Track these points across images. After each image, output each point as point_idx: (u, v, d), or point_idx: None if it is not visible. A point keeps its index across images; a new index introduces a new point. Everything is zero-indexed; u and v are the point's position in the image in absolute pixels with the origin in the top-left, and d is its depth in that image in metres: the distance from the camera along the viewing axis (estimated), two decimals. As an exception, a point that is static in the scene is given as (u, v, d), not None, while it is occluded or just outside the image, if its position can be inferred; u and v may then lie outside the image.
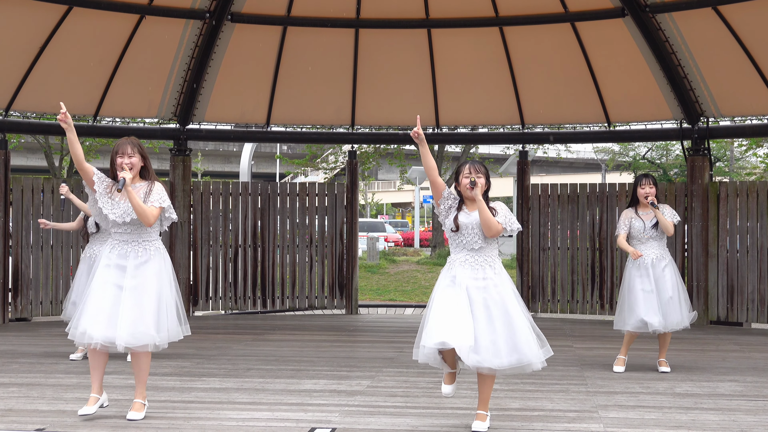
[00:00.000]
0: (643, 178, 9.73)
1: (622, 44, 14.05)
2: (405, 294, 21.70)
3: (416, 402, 7.97)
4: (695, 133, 14.37)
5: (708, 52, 13.62)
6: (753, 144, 28.84)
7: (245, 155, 30.12)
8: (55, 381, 8.81)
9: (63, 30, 13.49)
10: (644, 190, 9.63)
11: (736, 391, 8.53)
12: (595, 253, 14.91)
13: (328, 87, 15.29)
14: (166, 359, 10.15)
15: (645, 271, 9.52)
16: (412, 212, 57.92)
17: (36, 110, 14.41)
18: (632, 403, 7.94)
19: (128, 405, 7.62)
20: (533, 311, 15.02)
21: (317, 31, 14.66)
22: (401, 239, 43.88)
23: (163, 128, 15.27)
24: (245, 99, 15.33)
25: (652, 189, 9.63)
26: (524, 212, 15.14)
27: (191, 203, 15.04)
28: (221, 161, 57.54)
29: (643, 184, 9.66)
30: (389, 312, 16.82)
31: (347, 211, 15.50)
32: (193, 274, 15.00)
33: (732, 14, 13.01)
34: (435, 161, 14.55)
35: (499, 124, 15.56)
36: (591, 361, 10.26)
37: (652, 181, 9.71)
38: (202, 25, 14.05)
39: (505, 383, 8.81)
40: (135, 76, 14.42)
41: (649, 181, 9.70)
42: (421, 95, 15.31)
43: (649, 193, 9.60)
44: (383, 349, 11.31)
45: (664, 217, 9.49)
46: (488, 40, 14.71)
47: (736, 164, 39.75)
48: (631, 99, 14.75)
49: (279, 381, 8.93)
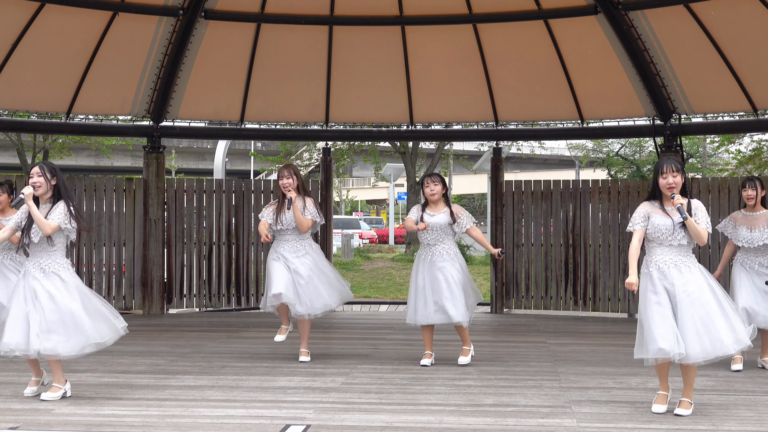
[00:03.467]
0: (665, 164, 7.43)
1: (594, 41, 14.11)
2: (380, 291, 21.74)
3: (390, 398, 7.99)
4: (667, 130, 14.46)
5: (680, 49, 13.70)
6: (725, 140, 29.01)
7: (219, 152, 30.02)
8: (28, 379, 8.77)
9: (35, 26, 13.40)
10: (666, 179, 7.44)
11: (707, 385, 8.59)
12: (569, 250, 14.97)
13: (303, 84, 15.27)
14: (140, 357, 10.14)
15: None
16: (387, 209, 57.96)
17: (8, 107, 14.32)
18: (605, 398, 7.99)
19: (104, 403, 7.62)
20: (507, 307, 15.09)
21: (291, 28, 14.63)
22: (376, 236, 43.92)
23: (136, 125, 15.21)
24: (219, 96, 15.30)
25: (676, 177, 7.40)
26: (498, 209, 15.19)
27: (165, 201, 14.99)
28: (195, 158, 57.41)
29: (665, 172, 7.44)
30: (364, 309, 16.84)
31: (321, 208, 15.45)
32: (167, 272, 14.96)
33: (704, 11, 13.09)
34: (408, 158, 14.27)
35: (473, 121, 15.59)
36: (564, 357, 10.31)
37: (674, 166, 7.41)
38: (176, 22, 14.00)
39: (479, 379, 8.85)
40: (108, 73, 14.36)
41: (672, 166, 7.40)
42: (396, 92, 15.32)
43: (674, 184, 7.41)
44: (358, 345, 11.33)
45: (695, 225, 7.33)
46: (462, 37, 14.73)
47: (709, 161, 39.95)
48: (604, 96, 14.82)
49: (253, 378, 8.93)
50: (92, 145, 31.41)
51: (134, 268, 14.81)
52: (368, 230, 45.02)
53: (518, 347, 11.22)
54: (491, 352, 10.73)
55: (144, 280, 14.79)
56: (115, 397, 7.96)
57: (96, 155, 47.68)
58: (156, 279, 14.78)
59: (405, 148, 30.03)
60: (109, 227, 14.68)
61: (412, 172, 30.07)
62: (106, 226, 14.65)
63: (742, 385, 8.64)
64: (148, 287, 14.77)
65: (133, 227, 14.81)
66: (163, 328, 13.07)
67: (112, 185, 14.79)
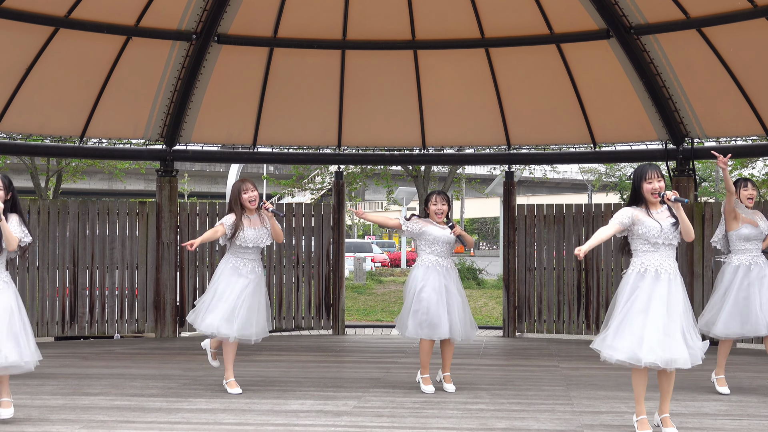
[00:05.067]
0: (649, 170, 7.50)
1: (607, 66, 14.13)
2: (392, 314, 21.70)
3: (402, 422, 7.97)
4: (680, 154, 14.44)
5: (693, 73, 13.71)
6: (738, 165, 29.00)
7: (232, 176, 30.12)
8: (41, 402, 8.79)
9: (49, 51, 13.50)
10: (651, 185, 7.49)
11: (720, 410, 8.56)
12: (581, 274, 14.94)
13: (315, 108, 15.32)
14: (153, 380, 10.14)
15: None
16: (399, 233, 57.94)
17: (22, 131, 14.40)
18: (618, 423, 7.96)
19: (116, 426, 7.63)
20: (520, 331, 15.06)
21: (304, 53, 14.70)
22: (388, 260, 43.90)
23: (149, 149, 15.28)
24: (232, 120, 15.35)
25: (661, 182, 7.50)
26: (510, 232, 15.18)
27: (178, 224, 15.03)
28: (208, 182, 57.52)
29: (650, 178, 7.49)
30: (376, 332, 16.82)
31: (334, 232, 15.52)
32: (179, 295, 14.98)
33: (716, 36, 13.11)
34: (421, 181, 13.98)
35: (486, 144, 15.61)
36: (577, 381, 10.27)
37: (658, 173, 7.50)
38: (189, 47, 14.08)
39: (492, 403, 8.82)
40: (121, 97, 14.44)
41: (656, 173, 7.49)
42: (408, 116, 15.36)
43: (659, 189, 7.48)
44: (370, 369, 11.31)
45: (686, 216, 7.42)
46: (474, 62, 14.77)
47: (721, 185, 39.88)
48: (617, 120, 14.83)
49: (265, 401, 8.92)
50: (105, 169, 31.60)
51: (147, 292, 14.82)
52: (380, 254, 45.01)
53: (530, 371, 11.19)
54: (503, 376, 10.70)
55: (156, 304, 14.81)
56: (127, 420, 7.96)
57: (109, 179, 47.82)
58: (168, 302, 14.80)
59: (417, 171, 30.09)
60: (122, 251, 14.71)
61: (424, 195, 30.04)
62: (119, 249, 14.68)
63: (756, 410, 8.59)
64: (160, 310, 14.78)
65: (146, 250, 14.83)
66: (176, 351, 13.08)
67: (125, 209, 14.83)
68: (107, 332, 14.63)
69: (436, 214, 9.66)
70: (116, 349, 13.27)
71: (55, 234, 14.35)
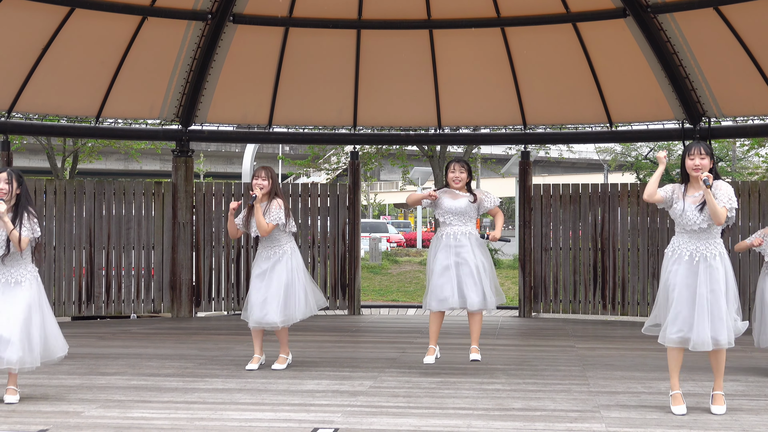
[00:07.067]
0: (693, 147, 7.43)
1: (623, 45, 14.06)
2: (407, 294, 21.72)
3: (419, 402, 7.97)
4: (697, 133, 14.37)
5: (710, 52, 13.63)
6: (755, 144, 28.84)
7: (247, 156, 30.16)
8: (58, 382, 8.83)
9: (65, 31, 13.51)
10: (693, 161, 7.40)
11: (738, 390, 8.53)
12: (597, 254, 14.91)
13: (330, 88, 15.30)
14: (169, 360, 10.17)
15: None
16: (414, 213, 57.95)
17: (38, 112, 14.43)
18: (634, 403, 7.95)
19: (133, 406, 7.66)
20: (535, 311, 15.05)
21: (319, 32, 14.67)
22: (403, 240, 43.85)
23: (165, 129, 15.29)
24: (247, 100, 15.34)
25: (704, 160, 7.37)
26: (526, 212, 15.15)
27: (194, 204, 15.05)
28: (223, 162, 57.58)
29: (692, 154, 7.41)
30: (392, 312, 16.84)
31: (349, 212, 15.51)
32: (195, 275, 15.01)
33: (733, 14, 13.02)
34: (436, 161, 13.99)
35: (501, 124, 15.56)
36: (593, 361, 10.26)
37: (703, 149, 7.39)
38: (204, 26, 14.07)
39: (508, 383, 8.82)
40: (137, 77, 14.44)
41: (700, 149, 7.38)
42: (423, 96, 15.32)
43: (700, 166, 7.38)
44: (386, 349, 11.32)
45: (713, 200, 7.25)
46: (490, 41, 14.72)
47: (738, 164, 39.74)
48: (633, 99, 14.76)
49: (281, 381, 8.94)
50: (121, 149, 31.61)
51: (163, 272, 14.87)
52: (396, 234, 44.98)
53: (546, 351, 11.18)
54: (519, 356, 10.70)
55: (173, 284, 14.85)
56: (143, 400, 7.99)
57: (125, 159, 47.94)
58: (185, 282, 14.84)
59: (433, 151, 30.02)
60: (138, 230, 14.74)
61: (440, 175, 30.03)
62: (135, 229, 14.72)
63: (773, 391, 8.57)
64: (176, 290, 14.83)
65: (162, 231, 14.87)
66: (192, 331, 13.11)
67: (141, 189, 14.86)
68: (124, 312, 14.68)
69: (453, 181, 9.48)
70: (132, 328, 13.32)
71: (72, 214, 14.40)
